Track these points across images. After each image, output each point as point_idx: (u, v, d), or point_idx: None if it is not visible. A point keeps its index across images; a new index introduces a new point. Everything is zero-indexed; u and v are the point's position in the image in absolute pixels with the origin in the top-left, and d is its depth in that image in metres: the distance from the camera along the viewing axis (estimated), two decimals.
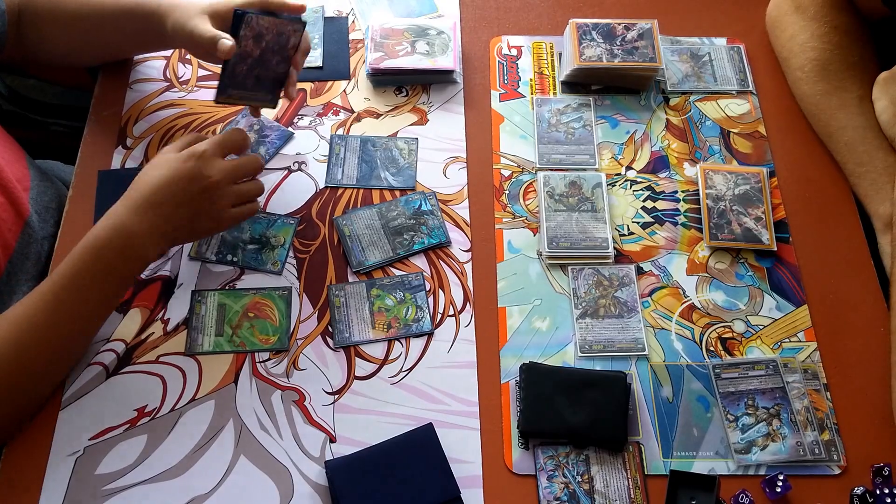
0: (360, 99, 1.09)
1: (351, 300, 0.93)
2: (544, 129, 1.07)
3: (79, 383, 0.87)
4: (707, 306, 0.95)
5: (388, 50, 1.10)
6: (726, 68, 1.13)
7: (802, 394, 0.88)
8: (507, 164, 1.04)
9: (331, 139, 1.05)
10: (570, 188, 1.01)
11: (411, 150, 1.05)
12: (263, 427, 0.85)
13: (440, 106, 1.09)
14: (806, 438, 0.85)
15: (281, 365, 0.89)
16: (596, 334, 0.92)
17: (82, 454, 0.83)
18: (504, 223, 1.00)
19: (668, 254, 0.98)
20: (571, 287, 0.95)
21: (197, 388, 0.87)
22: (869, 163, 0.99)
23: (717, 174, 1.02)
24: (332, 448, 0.85)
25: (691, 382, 0.89)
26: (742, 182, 1.01)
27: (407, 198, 1.00)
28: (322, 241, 0.98)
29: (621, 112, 1.09)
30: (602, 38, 1.09)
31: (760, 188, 1.00)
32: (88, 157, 1.03)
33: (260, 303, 0.93)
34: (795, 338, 0.92)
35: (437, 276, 0.96)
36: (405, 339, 0.91)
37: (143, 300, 0.92)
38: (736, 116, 1.09)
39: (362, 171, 1.03)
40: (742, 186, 1.01)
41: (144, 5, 0.97)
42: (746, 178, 1.01)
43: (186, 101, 1.08)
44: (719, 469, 0.84)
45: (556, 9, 1.19)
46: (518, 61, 1.13)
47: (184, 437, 0.84)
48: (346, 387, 0.88)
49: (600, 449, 0.85)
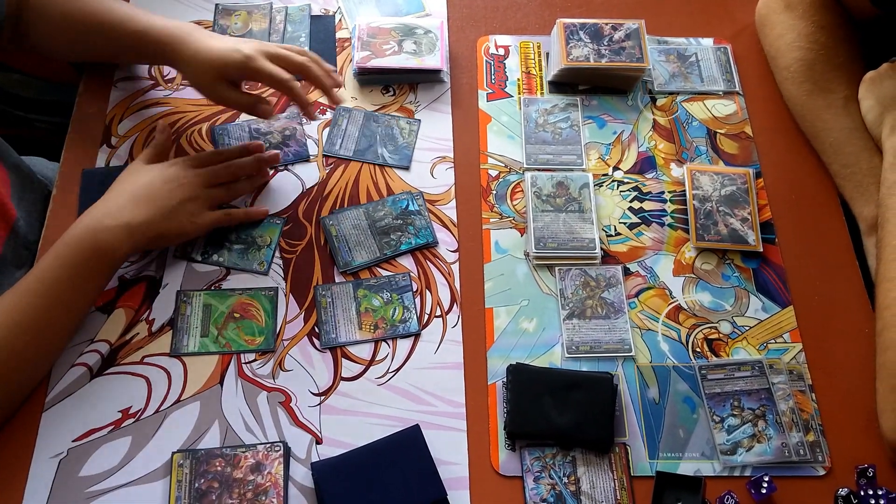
0: (346, 98, 1.08)
1: (337, 301, 0.93)
2: (531, 129, 1.07)
3: (62, 384, 0.86)
4: (693, 307, 0.95)
5: (375, 49, 1.10)
6: (713, 69, 1.13)
7: (788, 395, 0.89)
8: (495, 164, 1.04)
9: (336, 110, 1.07)
10: (557, 188, 1.01)
11: (412, 130, 1.05)
12: (249, 428, 0.85)
13: (427, 105, 1.09)
14: (791, 440, 0.86)
15: (267, 366, 0.89)
16: (583, 335, 0.92)
17: (66, 456, 0.82)
18: (491, 223, 1.00)
19: (654, 254, 0.98)
20: (558, 288, 0.95)
21: (182, 390, 0.87)
22: (854, 164, 1.00)
23: (703, 175, 1.02)
24: (318, 450, 0.84)
25: (677, 383, 0.90)
26: (728, 183, 1.01)
27: (394, 198, 1.00)
28: (309, 241, 0.97)
29: (608, 112, 1.09)
30: (589, 38, 1.09)
31: (747, 189, 1.01)
32: (72, 155, 1.02)
33: (246, 303, 0.92)
34: (781, 339, 0.93)
35: (424, 276, 0.95)
36: (392, 339, 0.91)
37: (127, 300, 0.92)
38: (722, 117, 1.10)
39: (360, 144, 1.04)
40: (728, 187, 1.01)
41: (150, 35, 0.96)
42: (733, 179, 1.02)
43: (171, 99, 1.07)
44: (705, 470, 0.85)
45: (543, 8, 1.19)
46: (505, 61, 1.13)
47: (169, 439, 0.84)
48: (333, 388, 0.88)
49: (587, 450, 0.85)
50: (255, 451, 0.82)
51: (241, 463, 0.81)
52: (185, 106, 1.06)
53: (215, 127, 1.05)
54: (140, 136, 1.03)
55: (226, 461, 0.82)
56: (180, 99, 1.07)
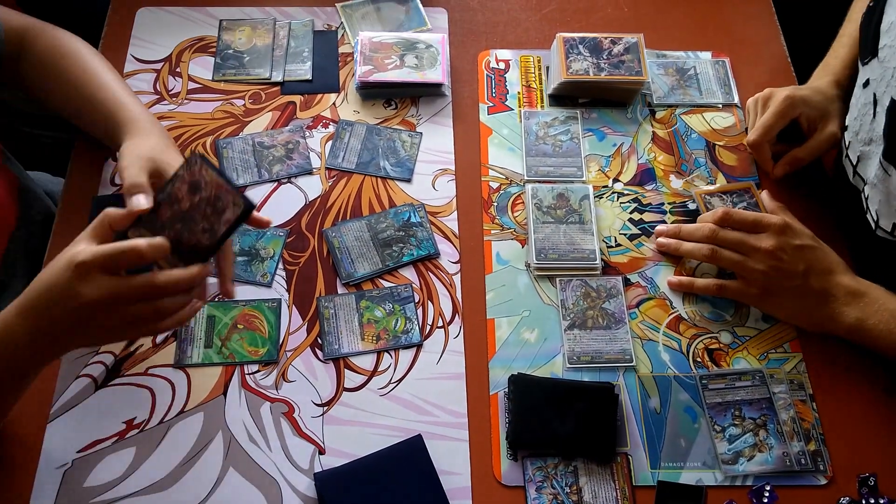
0: (349, 111, 1.10)
1: (340, 312, 0.94)
2: (532, 141, 1.08)
3: (67, 395, 0.87)
4: (694, 317, 0.95)
5: (377, 63, 1.11)
6: (711, 82, 1.14)
7: (788, 404, 0.89)
8: (496, 176, 1.05)
9: (338, 124, 1.08)
10: (557, 200, 1.02)
11: (414, 143, 1.06)
12: (252, 439, 0.85)
13: (429, 119, 1.10)
14: (792, 449, 0.86)
15: (270, 377, 0.89)
16: (584, 345, 0.92)
17: (70, 467, 0.83)
18: (492, 235, 1.00)
19: (655, 265, 0.99)
20: (559, 298, 0.95)
21: (186, 401, 0.87)
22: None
23: (713, 197, 1.01)
24: (321, 460, 0.85)
25: (679, 393, 0.90)
26: (738, 200, 1.01)
27: (396, 210, 1.01)
28: (311, 252, 0.98)
29: (608, 125, 1.10)
30: (589, 52, 1.10)
31: (756, 203, 1.00)
32: (78, 168, 1.03)
33: (249, 314, 0.93)
34: (781, 349, 0.93)
35: (426, 287, 0.96)
36: (394, 350, 0.92)
37: None
38: (721, 129, 1.10)
39: (363, 157, 1.05)
40: (739, 205, 1.00)
41: (118, 112, 0.93)
42: (741, 196, 1.01)
43: (176, 113, 1.08)
44: (707, 480, 0.85)
45: (543, 23, 1.20)
46: (506, 75, 1.14)
47: (173, 450, 0.84)
48: (336, 398, 0.88)
49: (589, 460, 0.85)
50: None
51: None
52: (189, 120, 1.08)
53: (219, 140, 1.06)
54: None
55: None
56: (184, 113, 1.08)
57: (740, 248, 0.92)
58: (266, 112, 1.09)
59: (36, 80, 0.97)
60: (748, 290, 0.93)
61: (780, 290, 0.91)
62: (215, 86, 1.11)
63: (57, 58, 0.96)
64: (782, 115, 1.01)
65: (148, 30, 1.16)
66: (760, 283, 0.91)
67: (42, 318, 0.72)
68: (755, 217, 0.93)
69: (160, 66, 1.12)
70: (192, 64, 1.13)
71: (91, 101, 0.94)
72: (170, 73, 1.12)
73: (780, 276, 0.90)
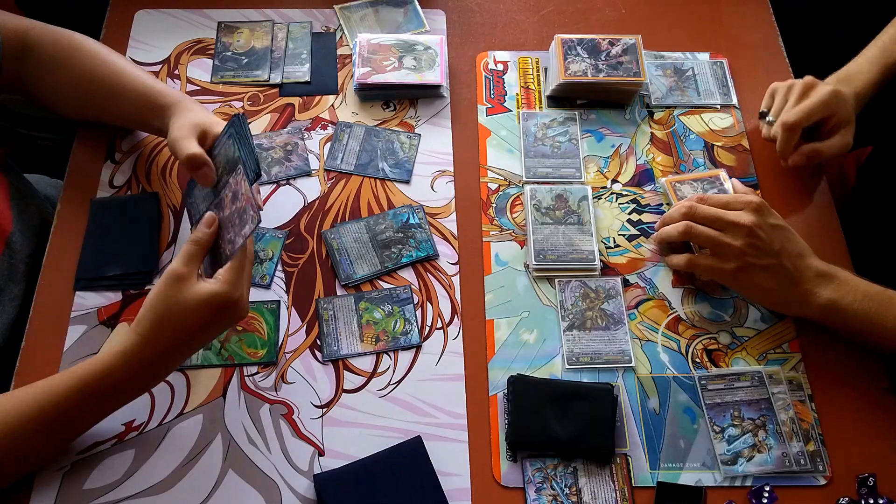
0: (347, 113, 1.10)
1: (339, 313, 0.94)
2: (530, 142, 1.08)
3: None
4: (693, 318, 0.95)
5: (375, 65, 1.11)
6: (709, 83, 1.14)
7: (787, 405, 0.89)
8: (494, 177, 1.05)
9: (337, 125, 1.08)
10: (556, 201, 1.02)
11: (412, 144, 1.06)
12: (252, 441, 0.85)
13: (427, 120, 1.10)
14: (791, 449, 0.86)
15: (269, 378, 0.89)
16: (583, 346, 0.92)
17: (70, 469, 0.83)
18: (491, 236, 1.00)
19: (653, 266, 0.99)
20: (558, 299, 0.95)
21: (185, 403, 0.87)
22: None
23: (683, 185, 1.02)
24: (320, 461, 0.85)
25: (678, 394, 0.90)
26: (708, 187, 1.01)
27: (395, 211, 1.01)
28: (310, 254, 0.98)
29: (606, 126, 1.10)
30: (587, 54, 1.10)
31: (726, 191, 1.00)
32: (76, 171, 1.03)
33: (248, 316, 0.93)
34: (780, 349, 0.93)
35: (425, 289, 0.96)
36: (393, 351, 0.92)
37: (131, 314, 0.92)
38: (719, 130, 1.11)
39: (361, 159, 1.05)
40: (710, 191, 1.01)
41: (158, 98, 0.95)
42: (712, 183, 1.02)
43: None
44: (706, 480, 0.85)
45: (541, 24, 1.20)
46: (504, 76, 1.14)
47: (172, 452, 0.84)
48: (335, 400, 0.88)
49: (588, 461, 0.85)
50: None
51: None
52: None
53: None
54: (144, 152, 1.04)
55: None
56: None
57: (717, 223, 0.91)
58: (265, 114, 1.09)
59: (44, 79, 0.98)
60: (722, 265, 0.91)
61: (753, 268, 0.90)
62: (214, 88, 1.11)
63: (67, 55, 0.96)
64: (826, 106, 0.99)
65: (146, 32, 1.16)
66: (735, 259, 0.90)
67: (183, 333, 0.79)
68: (730, 196, 0.93)
69: (159, 69, 1.12)
70: (191, 66, 1.13)
71: (122, 92, 0.96)
72: (168, 76, 1.12)
73: (755, 252, 0.89)
